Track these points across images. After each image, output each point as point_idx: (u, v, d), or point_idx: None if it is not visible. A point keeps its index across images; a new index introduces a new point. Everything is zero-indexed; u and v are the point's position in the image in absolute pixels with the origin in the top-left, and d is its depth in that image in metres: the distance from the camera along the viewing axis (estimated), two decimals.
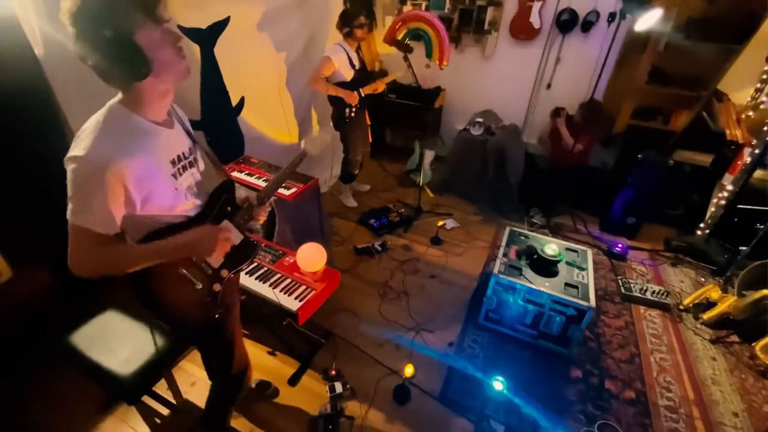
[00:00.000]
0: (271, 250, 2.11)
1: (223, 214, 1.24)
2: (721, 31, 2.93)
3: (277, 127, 3.09)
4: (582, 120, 3.45)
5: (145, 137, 0.99)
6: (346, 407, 1.93)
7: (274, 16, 2.66)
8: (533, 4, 3.50)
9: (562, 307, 2.05)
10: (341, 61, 2.75)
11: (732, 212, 2.86)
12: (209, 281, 1.21)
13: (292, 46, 2.96)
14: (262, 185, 2.29)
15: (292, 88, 3.07)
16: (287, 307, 1.77)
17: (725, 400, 2.08)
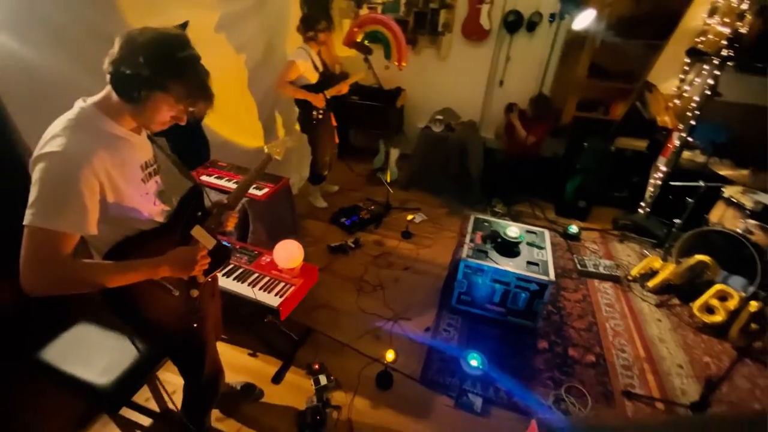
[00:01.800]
0: (247, 251, 2.13)
1: (194, 219, 1.25)
2: (647, 29, 3.28)
3: (242, 131, 3.08)
4: (533, 114, 3.71)
5: (117, 139, 1.01)
6: (331, 398, 2.00)
7: (231, 19, 2.66)
8: (482, 6, 3.73)
9: (526, 284, 2.23)
10: (306, 64, 2.80)
11: (666, 190, 3.20)
12: (186, 287, 1.23)
13: (252, 50, 2.97)
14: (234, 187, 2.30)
15: (255, 91, 3.08)
16: (268, 303, 1.81)
17: (671, 355, 2.34)
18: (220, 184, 2.32)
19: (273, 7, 3.10)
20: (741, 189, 2.82)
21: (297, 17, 3.49)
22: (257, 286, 1.89)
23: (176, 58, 0.93)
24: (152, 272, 1.04)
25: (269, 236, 2.43)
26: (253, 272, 1.98)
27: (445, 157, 3.71)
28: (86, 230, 0.93)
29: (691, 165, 3.19)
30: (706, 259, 2.62)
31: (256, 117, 3.20)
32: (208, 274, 1.27)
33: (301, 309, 2.13)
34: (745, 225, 2.60)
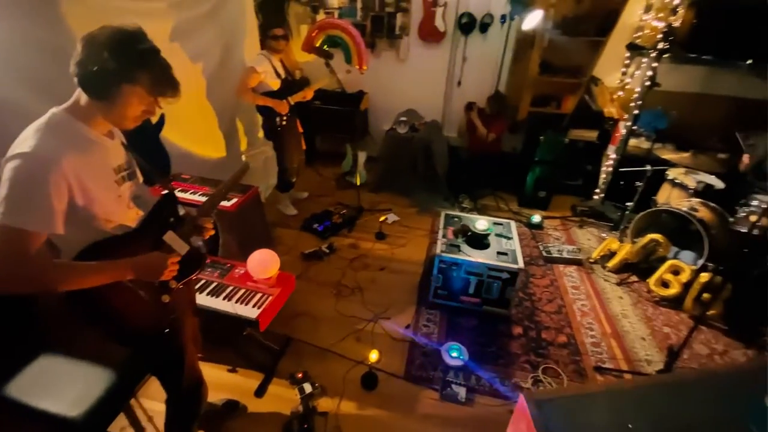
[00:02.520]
0: (218, 264, 2.07)
1: (166, 225, 1.24)
2: (590, 26, 3.52)
3: (202, 142, 2.99)
4: (491, 111, 3.86)
5: (89, 142, 1.03)
6: (318, 405, 1.97)
7: (185, 28, 2.59)
8: (436, 9, 3.84)
9: (498, 273, 2.32)
10: (266, 71, 2.76)
11: (617, 176, 3.44)
12: (157, 293, 1.20)
13: (209, 58, 2.90)
14: (201, 200, 2.23)
15: (214, 100, 3.00)
16: (246, 316, 1.77)
17: (634, 329, 2.51)
18: (186, 197, 2.24)
19: (228, 14, 3.04)
20: (683, 170, 3.09)
21: (254, 24, 3.47)
22: (233, 299, 1.85)
23: (139, 49, 0.97)
24: (117, 274, 1.04)
25: (241, 248, 2.37)
26: (227, 285, 1.93)
27: (411, 157, 3.78)
28: (53, 229, 0.93)
29: (637, 151, 3.45)
30: (658, 237, 2.84)
31: (216, 126, 3.12)
32: (182, 280, 1.25)
33: (279, 319, 2.09)
34: (689, 203, 2.84)
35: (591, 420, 0.61)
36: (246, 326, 1.84)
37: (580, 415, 0.63)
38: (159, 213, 1.24)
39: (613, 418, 0.60)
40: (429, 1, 3.82)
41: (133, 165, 1.21)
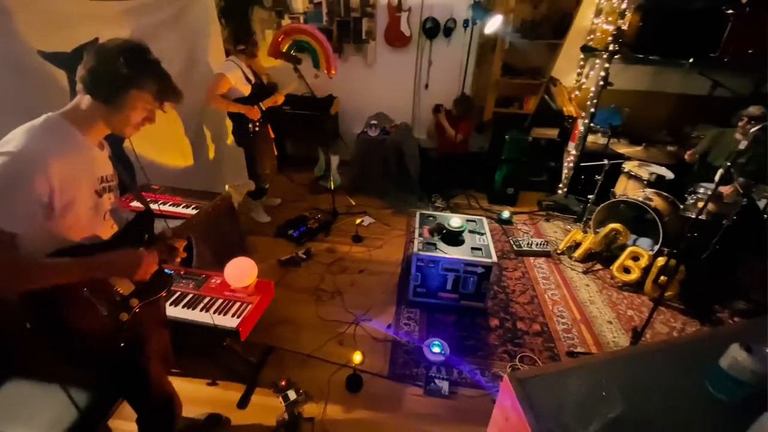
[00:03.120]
0: (193, 276, 2.02)
1: (140, 242, 1.22)
2: (547, 30, 3.72)
3: (168, 150, 2.89)
4: (458, 113, 3.98)
5: (78, 147, 1.04)
6: (303, 411, 1.96)
7: (144, 34, 2.51)
8: (401, 14, 3.92)
9: (473, 268, 2.40)
10: (236, 77, 2.72)
11: (578, 171, 3.64)
12: (116, 309, 1.16)
13: (172, 64, 2.78)
14: (171, 210, 2.17)
15: (179, 106, 2.90)
16: (226, 326, 1.74)
17: (601, 313, 2.67)
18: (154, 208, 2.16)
19: (191, 19, 2.97)
20: (637, 163, 3.31)
21: (217, 29, 3.40)
22: (211, 310, 1.81)
23: (147, 58, 1.06)
24: (87, 270, 1.02)
25: (216, 258, 2.31)
26: (204, 296, 1.89)
27: (383, 159, 3.82)
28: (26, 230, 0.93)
29: (595, 147, 3.66)
30: (618, 227, 3.03)
31: (182, 133, 3.03)
32: (144, 300, 1.21)
33: (259, 328, 2.06)
34: (644, 193, 3.05)
35: (569, 391, 0.67)
36: (226, 337, 1.80)
37: (559, 388, 0.69)
38: (134, 229, 1.22)
39: (588, 388, 0.66)
40: (393, 7, 3.89)
41: (116, 178, 1.20)
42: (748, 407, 0.70)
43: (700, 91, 3.65)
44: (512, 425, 0.70)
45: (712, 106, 3.58)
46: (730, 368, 0.73)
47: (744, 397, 0.73)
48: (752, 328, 1.02)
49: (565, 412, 0.67)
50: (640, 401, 0.73)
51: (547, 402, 0.69)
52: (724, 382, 0.74)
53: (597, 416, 0.64)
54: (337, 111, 4.42)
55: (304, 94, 3.77)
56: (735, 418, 0.68)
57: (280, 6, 4.03)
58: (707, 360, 0.79)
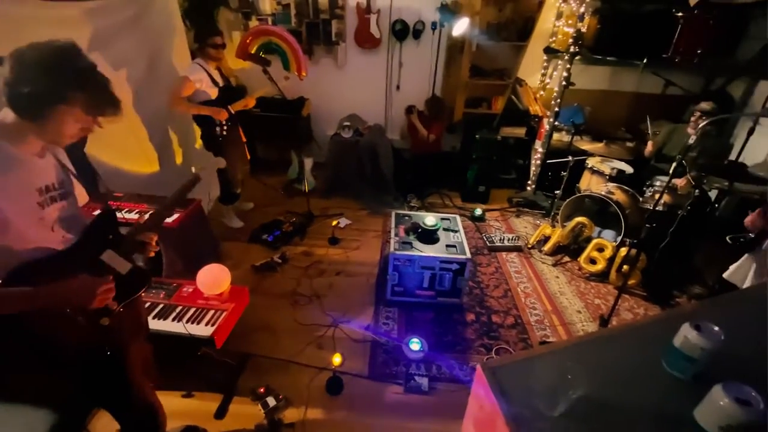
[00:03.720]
0: (163, 285, 1.96)
1: (105, 244, 1.17)
2: (511, 32, 3.85)
3: (132, 157, 2.79)
4: (430, 114, 4.05)
5: (9, 162, 0.95)
6: (283, 417, 1.94)
7: (104, 36, 2.42)
8: (370, 16, 3.95)
9: (448, 265, 2.45)
10: (201, 80, 2.66)
11: (545, 168, 3.78)
12: (95, 315, 1.12)
13: (134, 66, 2.72)
14: (136, 218, 2.09)
15: (143, 111, 2.81)
16: (200, 335, 1.70)
17: (571, 304, 2.78)
18: (120, 216, 2.08)
19: (153, 20, 2.89)
20: (600, 159, 3.47)
21: (181, 30, 3.31)
22: (184, 319, 1.76)
23: (74, 67, 0.93)
24: (30, 302, 0.94)
25: (187, 266, 2.25)
26: (176, 305, 1.84)
27: (357, 161, 3.83)
28: None
29: (560, 144, 3.82)
30: (583, 220, 3.17)
31: (146, 139, 2.93)
32: (124, 301, 1.18)
33: (235, 336, 2.02)
34: (606, 188, 3.20)
35: (538, 377, 0.70)
36: (200, 346, 1.76)
37: (529, 374, 0.72)
38: (94, 233, 1.16)
39: (556, 372, 0.69)
40: (362, 9, 3.91)
41: (67, 185, 1.13)
42: (699, 382, 0.76)
43: (654, 89, 3.88)
44: (486, 413, 0.73)
45: (666, 103, 3.82)
46: (682, 346, 0.79)
47: (696, 372, 0.79)
48: (703, 308, 1.10)
49: (535, 396, 0.71)
50: (603, 382, 0.77)
51: (518, 388, 0.73)
52: (678, 359, 0.80)
53: (563, 398, 0.68)
54: (309, 113, 4.39)
55: (274, 96, 3.72)
56: (689, 393, 0.74)
57: (246, 7, 3.96)
58: (663, 340, 0.84)
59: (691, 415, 0.70)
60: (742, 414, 0.64)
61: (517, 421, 0.67)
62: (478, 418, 0.79)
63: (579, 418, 0.69)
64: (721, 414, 0.65)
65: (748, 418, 0.64)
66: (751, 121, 2.41)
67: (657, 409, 0.75)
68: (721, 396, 0.66)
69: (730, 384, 0.67)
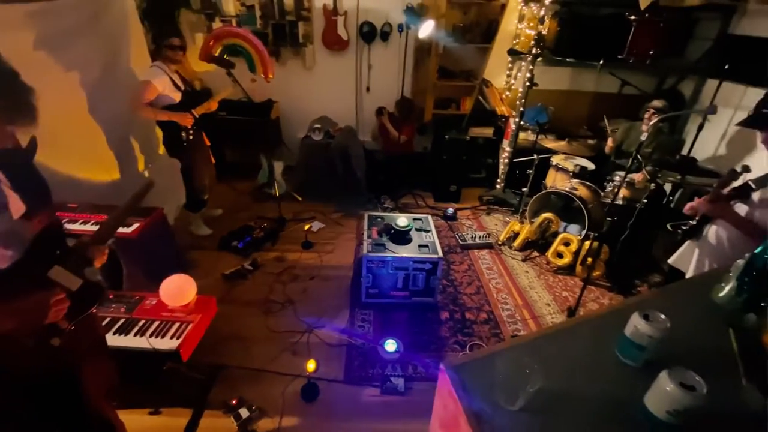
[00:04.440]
0: (124, 298, 1.87)
1: (51, 259, 1.11)
2: (476, 35, 3.93)
3: (89, 164, 2.65)
4: (400, 115, 4.07)
5: None
6: (258, 428, 1.90)
7: (56, 38, 2.30)
8: (337, 18, 3.93)
9: (421, 264, 2.48)
10: (164, 83, 2.57)
11: (513, 166, 3.88)
12: (44, 336, 1.07)
13: (89, 70, 2.59)
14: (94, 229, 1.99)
15: (100, 116, 2.68)
16: (165, 348, 1.63)
17: (540, 297, 2.87)
18: (75, 228, 1.97)
19: (109, 22, 2.76)
20: (563, 157, 3.60)
21: (139, 32, 3.19)
22: (147, 334, 1.69)
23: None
24: None
25: (150, 277, 2.15)
26: (138, 320, 1.76)
27: (329, 163, 3.80)
28: None
29: (526, 143, 3.94)
30: (550, 216, 3.28)
31: (105, 145, 2.80)
32: (76, 318, 1.12)
33: (205, 347, 1.96)
34: (570, 184, 3.33)
35: (498, 373, 0.72)
36: (166, 360, 1.69)
37: (490, 371, 0.73)
38: (39, 248, 1.09)
39: (516, 367, 0.71)
40: (329, 11, 3.89)
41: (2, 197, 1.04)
42: (650, 369, 0.80)
43: (612, 89, 4.06)
44: (450, 412, 0.74)
45: (624, 102, 4.00)
46: (633, 335, 0.83)
47: (646, 360, 0.84)
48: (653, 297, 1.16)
49: (495, 392, 0.72)
50: (561, 373, 0.80)
51: (480, 385, 0.74)
52: (629, 348, 0.84)
53: (522, 392, 0.70)
54: (278, 116, 4.32)
55: (240, 99, 3.64)
56: (640, 380, 0.77)
57: (209, 8, 3.86)
58: (617, 330, 0.88)
59: (642, 401, 0.74)
60: (687, 398, 0.67)
61: (478, 418, 0.68)
62: (443, 418, 0.80)
63: (537, 410, 0.71)
64: (668, 399, 0.69)
65: (692, 403, 0.67)
66: (700, 117, 2.58)
67: (611, 397, 0.79)
68: (667, 382, 0.69)
69: (675, 370, 0.71)
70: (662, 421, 0.70)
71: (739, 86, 3.27)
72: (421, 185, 4.26)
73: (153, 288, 1.84)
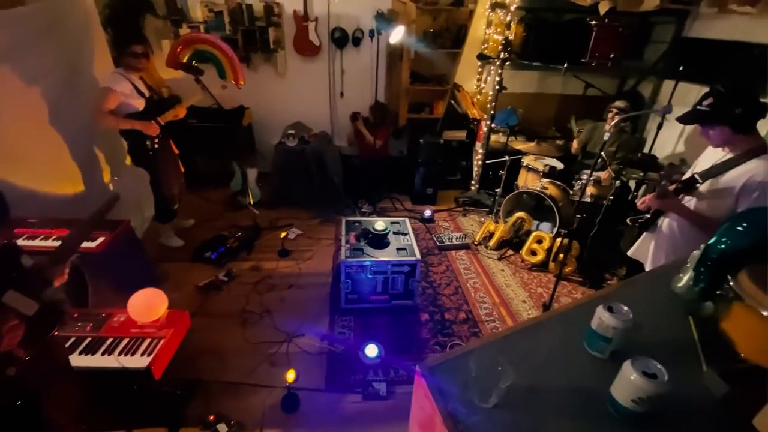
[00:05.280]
0: (90, 316, 1.79)
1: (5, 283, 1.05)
2: (446, 40, 4.00)
3: (50, 177, 2.53)
4: (375, 120, 4.09)
5: None
6: None
7: (13, 47, 2.20)
8: (308, 24, 3.92)
9: (399, 267, 2.49)
10: (126, 90, 2.48)
11: (486, 168, 3.97)
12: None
13: (50, 79, 2.48)
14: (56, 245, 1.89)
15: (62, 126, 2.57)
16: (135, 366, 1.57)
17: (516, 295, 2.93)
18: (35, 245, 1.87)
19: (70, 29, 2.66)
20: (533, 157, 3.71)
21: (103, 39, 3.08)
22: (116, 352, 1.61)
23: None
24: None
25: (118, 293, 2.06)
26: (106, 338, 1.68)
27: (304, 169, 3.77)
28: None
29: (497, 145, 4.03)
30: (523, 215, 3.36)
31: (68, 157, 2.68)
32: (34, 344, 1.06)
33: (178, 364, 1.89)
34: (541, 183, 3.43)
35: (472, 371, 0.73)
36: (137, 379, 1.63)
37: (464, 370, 0.74)
38: None
39: (488, 365, 0.73)
40: (300, 16, 3.87)
41: None
42: (615, 360, 0.83)
43: (577, 91, 4.22)
44: (426, 413, 0.74)
45: (588, 103, 4.16)
46: (598, 328, 0.86)
47: (612, 351, 0.87)
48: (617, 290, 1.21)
49: (469, 390, 0.73)
50: (532, 369, 0.82)
51: (454, 384, 0.75)
52: (596, 340, 0.87)
53: (495, 389, 0.71)
54: (250, 122, 4.25)
55: (210, 106, 3.56)
56: (607, 371, 0.80)
57: (176, 15, 3.76)
58: (585, 323, 0.91)
59: (609, 391, 0.77)
60: (650, 386, 0.70)
61: (453, 418, 0.69)
62: (421, 419, 0.81)
63: (510, 406, 0.73)
64: (632, 388, 0.72)
65: (655, 390, 0.70)
66: (659, 117, 2.71)
67: (580, 388, 0.81)
68: (630, 371, 0.72)
69: (638, 359, 0.74)
70: (628, 410, 0.73)
71: (694, 86, 3.47)
72: (398, 188, 4.29)
73: (122, 304, 1.77)
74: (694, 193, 1.71)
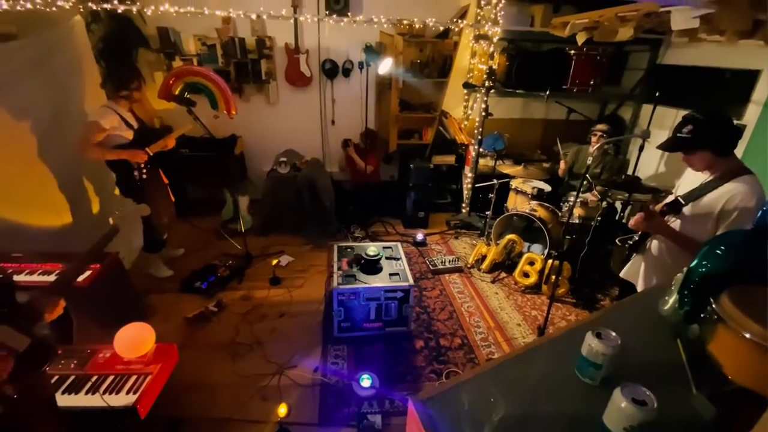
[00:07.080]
0: (75, 353, 1.74)
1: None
2: (433, 70, 4.15)
3: (38, 210, 2.52)
4: (365, 146, 4.17)
5: None
6: None
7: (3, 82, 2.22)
8: (299, 56, 4.04)
9: (393, 293, 2.47)
10: (114, 122, 2.51)
11: (475, 191, 4.04)
12: None
13: (38, 112, 2.51)
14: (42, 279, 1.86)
15: (50, 159, 2.58)
16: (120, 405, 1.51)
17: (511, 318, 2.92)
18: (20, 279, 1.83)
19: (60, 62, 2.71)
20: (521, 180, 3.78)
21: (95, 72, 3.14)
22: (100, 390, 1.56)
23: None
24: None
25: (103, 328, 2.00)
26: (90, 375, 1.63)
27: (296, 195, 3.79)
28: None
29: (486, 169, 4.12)
30: (514, 237, 3.40)
31: (56, 189, 2.67)
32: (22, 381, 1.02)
33: (165, 400, 1.82)
34: (530, 205, 3.48)
35: (465, 404, 0.72)
36: (121, 419, 1.56)
37: (457, 402, 0.74)
38: None
39: (480, 396, 0.72)
40: (291, 49, 4.00)
41: None
42: (606, 386, 0.83)
43: (560, 116, 4.37)
44: None
45: (571, 127, 4.31)
46: (588, 354, 0.86)
47: (603, 377, 0.87)
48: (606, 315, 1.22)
49: (462, 423, 0.73)
50: (524, 398, 0.82)
51: (447, 417, 0.74)
52: (586, 367, 0.87)
53: (487, 421, 0.71)
54: (242, 151, 4.29)
55: (203, 136, 3.60)
56: (599, 398, 0.80)
57: (169, 48, 3.86)
58: (576, 349, 0.92)
59: (602, 419, 0.76)
60: (640, 414, 0.70)
61: None
62: None
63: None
64: (623, 416, 0.72)
65: (644, 418, 0.70)
66: (641, 139, 2.81)
67: (573, 417, 0.81)
68: (620, 399, 0.72)
69: (627, 386, 0.74)
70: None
71: (671, 109, 3.63)
72: (390, 212, 4.32)
73: (108, 339, 1.72)
74: (680, 215, 1.76)
